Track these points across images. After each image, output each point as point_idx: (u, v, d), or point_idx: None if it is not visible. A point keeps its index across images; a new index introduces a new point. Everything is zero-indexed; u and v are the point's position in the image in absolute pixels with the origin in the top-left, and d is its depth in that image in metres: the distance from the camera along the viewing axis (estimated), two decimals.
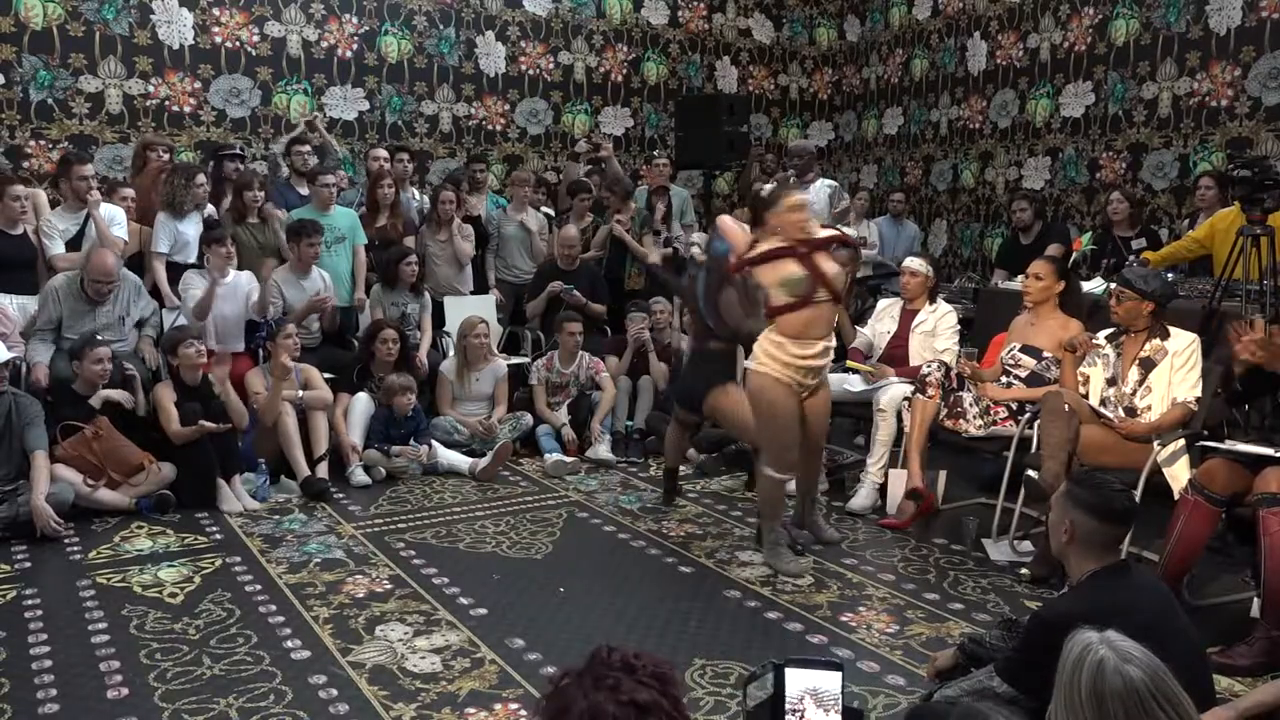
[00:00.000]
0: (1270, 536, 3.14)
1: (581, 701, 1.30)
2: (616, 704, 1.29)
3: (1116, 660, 1.67)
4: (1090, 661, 1.68)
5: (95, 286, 5.02)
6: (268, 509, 4.79)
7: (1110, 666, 1.66)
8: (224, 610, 3.60)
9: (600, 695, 1.29)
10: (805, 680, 2.51)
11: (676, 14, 9.34)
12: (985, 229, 8.66)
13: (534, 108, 8.73)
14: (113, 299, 5.12)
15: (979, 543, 4.34)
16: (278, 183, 6.62)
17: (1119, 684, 1.65)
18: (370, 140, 7.88)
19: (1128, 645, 1.70)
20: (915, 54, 9.30)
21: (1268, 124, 6.55)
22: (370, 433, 5.37)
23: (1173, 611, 2.43)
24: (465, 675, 3.12)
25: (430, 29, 8.21)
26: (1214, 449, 3.53)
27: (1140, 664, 1.67)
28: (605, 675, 1.32)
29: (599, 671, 1.33)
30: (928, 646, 3.32)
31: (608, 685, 1.30)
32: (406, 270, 6.06)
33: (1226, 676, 3.06)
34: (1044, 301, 4.56)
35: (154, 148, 6.19)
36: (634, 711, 1.29)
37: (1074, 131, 7.87)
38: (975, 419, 4.46)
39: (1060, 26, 7.90)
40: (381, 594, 3.77)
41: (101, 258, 5.02)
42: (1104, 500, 2.45)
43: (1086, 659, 1.69)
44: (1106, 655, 1.68)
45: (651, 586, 3.87)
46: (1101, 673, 1.66)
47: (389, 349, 5.50)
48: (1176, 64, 7.09)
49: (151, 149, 6.18)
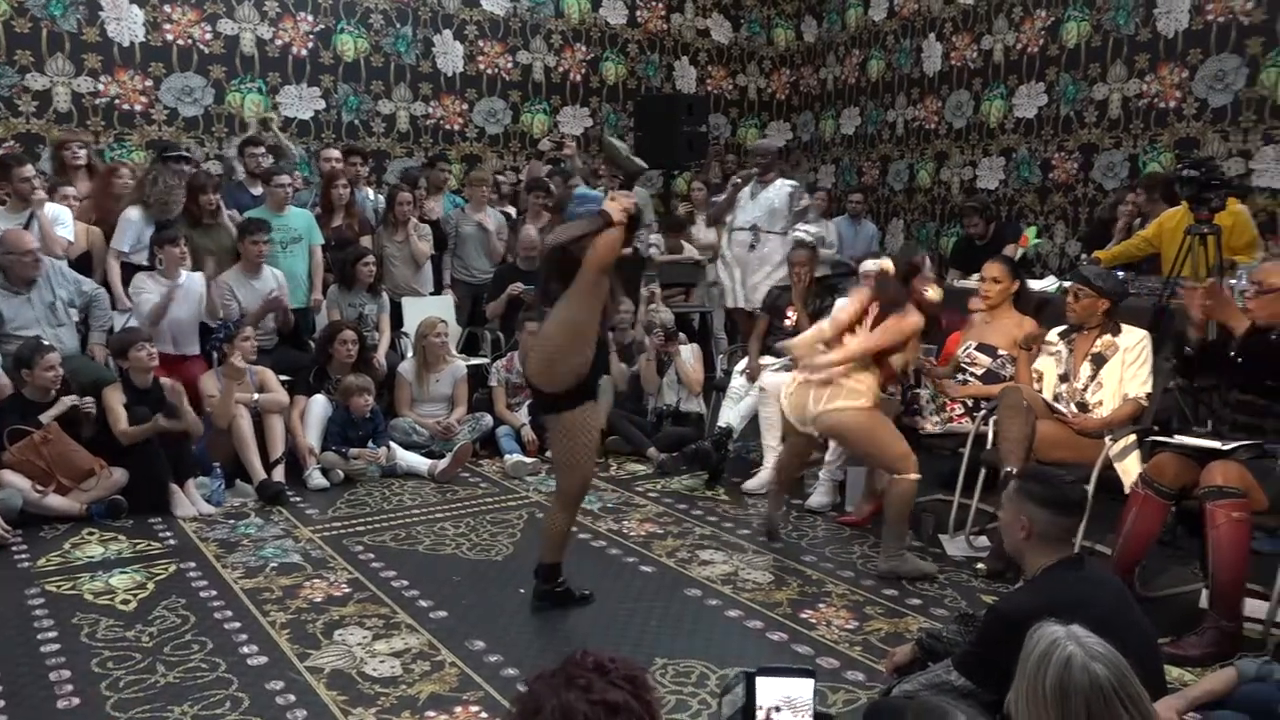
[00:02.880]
0: (1217, 529, 3.20)
1: (552, 700, 1.30)
2: (588, 703, 1.29)
3: (1084, 657, 1.69)
4: (1057, 657, 1.70)
5: (12, 263, 4.87)
6: (223, 513, 4.73)
7: (1077, 663, 1.68)
8: (178, 617, 3.54)
9: (572, 694, 1.30)
10: (777, 688, 2.51)
11: (635, 14, 9.34)
12: (941, 228, 8.76)
13: (492, 107, 8.70)
14: (40, 284, 4.99)
15: (936, 538, 4.39)
16: (229, 184, 6.52)
17: (1085, 681, 1.67)
18: (326, 139, 7.80)
19: (1094, 642, 1.72)
20: (872, 55, 9.38)
21: (1214, 125, 6.68)
22: (327, 435, 5.32)
23: (1127, 604, 2.48)
24: (425, 678, 3.10)
25: (387, 27, 8.15)
26: (1164, 443, 3.60)
27: (1106, 662, 1.69)
28: (577, 675, 1.33)
29: (571, 672, 1.34)
30: (886, 642, 3.35)
31: (579, 685, 1.31)
32: (364, 271, 6.01)
33: (1177, 667, 3.12)
34: (1002, 303, 4.63)
35: (68, 145, 5.98)
36: (604, 711, 1.29)
37: (1027, 132, 7.98)
38: (932, 416, 4.51)
39: (1013, 28, 8.01)
40: (340, 598, 3.73)
41: (15, 234, 4.91)
42: (1057, 493, 2.49)
43: (1053, 654, 1.71)
44: (1074, 652, 1.70)
45: (612, 586, 3.87)
46: (1069, 669, 1.68)
47: (347, 350, 5.44)
48: (1126, 66, 7.22)
49: (65, 147, 5.97)
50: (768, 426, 5.10)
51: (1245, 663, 2.54)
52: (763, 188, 6.40)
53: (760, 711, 2.48)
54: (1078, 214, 7.60)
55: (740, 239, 6.45)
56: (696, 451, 5.31)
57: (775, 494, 4.51)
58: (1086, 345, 4.09)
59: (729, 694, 2.67)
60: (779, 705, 2.49)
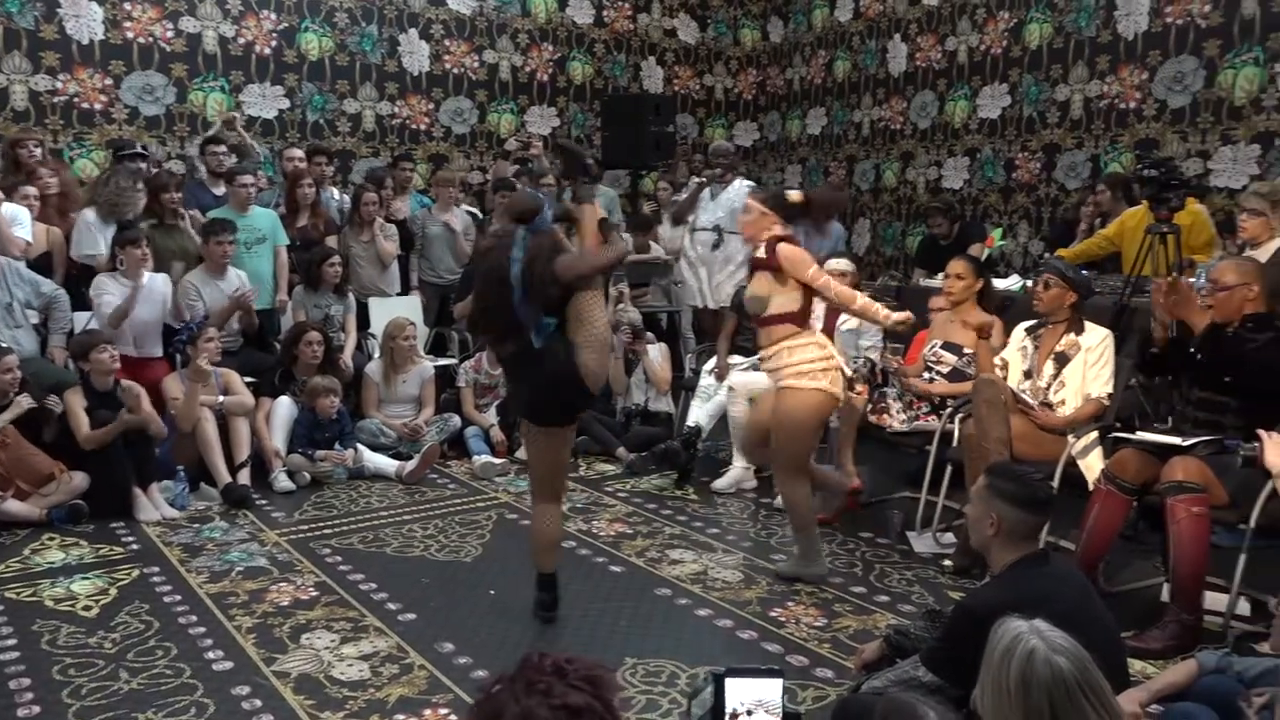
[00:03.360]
0: (1178, 524, 3.25)
1: (514, 707, 1.29)
2: (549, 708, 1.28)
3: (1047, 651, 1.71)
4: (1021, 651, 1.72)
5: None
6: (187, 517, 4.67)
7: (1040, 657, 1.70)
8: (141, 623, 3.49)
9: (532, 700, 1.29)
10: (746, 689, 2.52)
11: (602, 14, 9.33)
12: (907, 228, 8.83)
13: (459, 107, 8.65)
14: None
15: (903, 536, 4.42)
16: (192, 184, 6.44)
17: (1048, 674, 1.68)
18: (291, 139, 7.72)
19: (1056, 636, 1.75)
20: (838, 55, 9.44)
21: (1173, 126, 6.79)
22: (293, 437, 5.27)
23: (1091, 598, 2.51)
24: (394, 682, 3.08)
25: (352, 26, 8.08)
26: (1125, 439, 3.66)
27: (1069, 655, 1.71)
28: (537, 680, 1.31)
29: (531, 676, 1.32)
30: (855, 639, 3.37)
31: (540, 690, 1.30)
32: (329, 271, 5.96)
33: (1140, 660, 3.16)
34: (965, 300, 4.67)
35: (23, 144, 5.83)
36: (567, 715, 1.28)
37: (991, 132, 8.06)
38: (899, 414, 4.54)
39: (977, 30, 8.09)
40: (307, 601, 3.70)
41: None
42: (1027, 491, 2.51)
43: (1017, 649, 1.73)
44: (1037, 645, 1.71)
45: (582, 586, 3.86)
46: (1031, 663, 1.70)
47: (313, 351, 5.39)
48: (1087, 67, 7.31)
49: (21, 145, 5.82)
50: (736, 425, 5.11)
51: (1205, 655, 2.58)
52: (723, 188, 6.51)
53: (729, 712, 2.49)
54: (1041, 214, 7.69)
55: (704, 239, 6.51)
56: (665, 451, 5.31)
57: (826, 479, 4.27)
58: (1051, 343, 4.14)
59: (698, 696, 2.68)
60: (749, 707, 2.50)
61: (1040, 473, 2.75)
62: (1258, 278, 3.60)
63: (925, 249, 7.30)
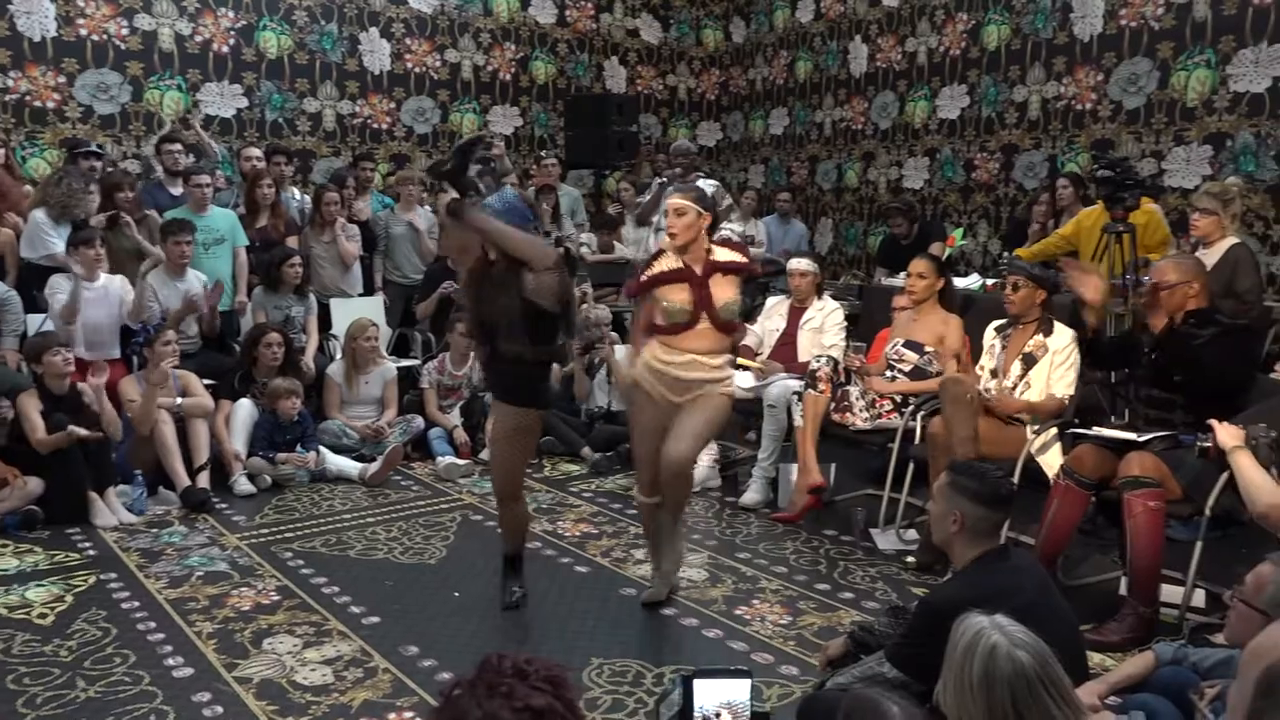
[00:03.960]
0: (1134, 518, 3.31)
1: (476, 711, 1.28)
2: (512, 711, 1.27)
3: (1008, 646, 1.73)
4: (983, 647, 1.74)
5: None
6: (145, 522, 4.60)
7: (1002, 652, 1.72)
8: (99, 630, 3.44)
9: (495, 703, 1.28)
10: (715, 690, 2.52)
11: (564, 13, 9.32)
12: (869, 227, 8.90)
13: (420, 106, 8.60)
14: None
15: (867, 533, 4.45)
16: (148, 184, 6.35)
17: (1010, 669, 1.71)
18: (249, 138, 7.63)
19: (1018, 630, 1.77)
20: (799, 56, 9.49)
21: (1128, 127, 6.90)
22: (254, 440, 5.21)
23: (1051, 592, 2.54)
24: (358, 686, 3.05)
25: (311, 24, 8.00)
26: (1083, 435, 3.71)
27: (1030, 649, 1.73)
28: (498, 683, 1.30)
29: (491, 679, 1.31)
30: (820, 636, 3.39)
31: (501, 693, 1.29)
32: (290, 272, 5.90)
33: (1098, 652, 3.21)
34: (927, 299, 4.71)
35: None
36: (529, 717, 1.28)
37: (950, 133, 8.15)
38: (862, 412, 4.58)
39: (936, 31, 8.17)
40: (269, 606, 3.66)
41: None
42: (989, 488, 2.54)
43: (979, 644, 1.75)
44: (999, 641, 1.74)
45: (547, 587, 3.85)
46: (994, 658, 1.72)
47: (273, 353, 5.33)
48: (1044, 69, 7.42)
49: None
50: None
51: (1162, 647, 2.63)
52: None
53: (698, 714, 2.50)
54: (999, 213, 7.78)
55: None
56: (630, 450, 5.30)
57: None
58: (1020, 343, 4.18)
59: (666, 698, 2.68)
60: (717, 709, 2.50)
61: (1001, 470, 2.78)
62: (1198, 275, 3.68)
63: (886, 248, 7.37)
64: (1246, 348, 3.84)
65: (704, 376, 3.48)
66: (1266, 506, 2.73)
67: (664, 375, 3.47)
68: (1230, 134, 6.35)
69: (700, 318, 3.46)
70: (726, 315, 3.50)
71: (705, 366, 3.48)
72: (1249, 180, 6.08)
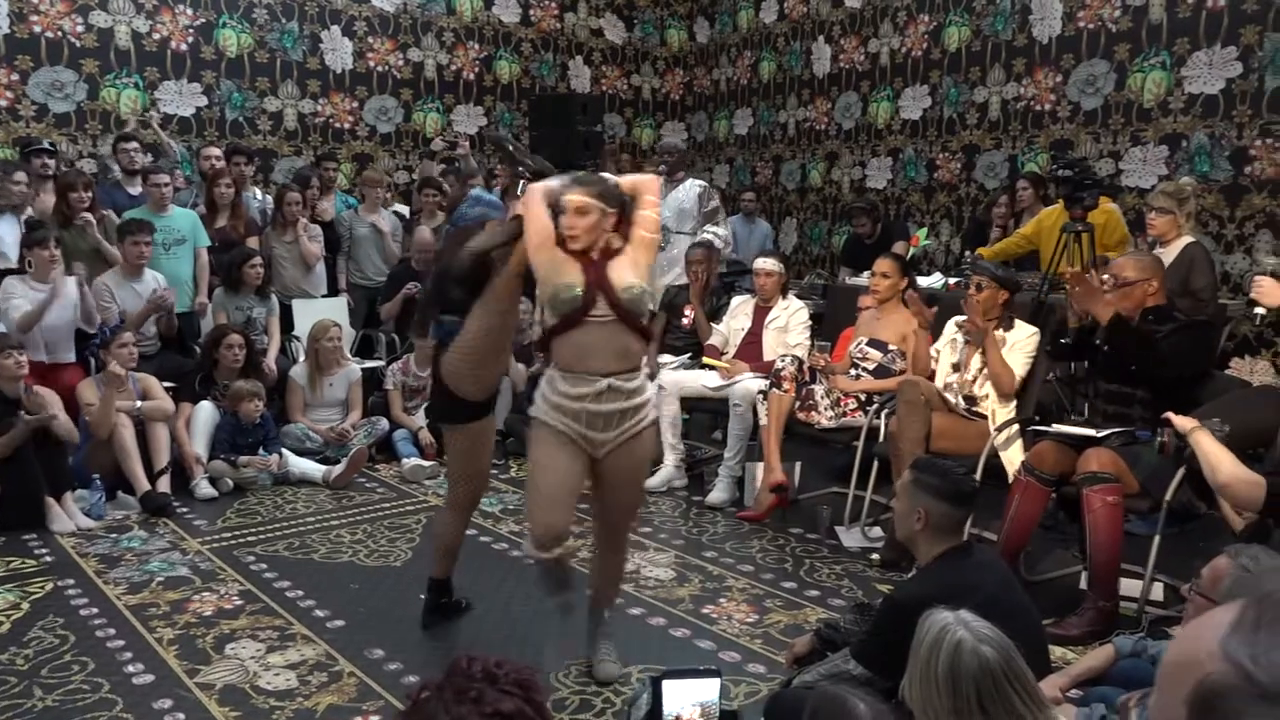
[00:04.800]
0: (1094, 513, 3.36)
1: (444, 716, 1.27)
2: (481, 716, 1.26)
3: (973, 641, 1.75)
4: (948, 642, 1.75)
5: None
6: (104, 527, 4.53)
7: (968, 647, 1.74)
8: (56, 637, 3.38)
9: (464, 709, 1.27)
10: (685, 691, 2.52)
11: (528, 12, 9.29)
12: (833, 227, 8.95)
13: (383, 105, 8.54)
14: None
15: (832, 531, 4.48)
16: (105, 184, 6.25)
17: (975, 664, 1.72)
18: (209, 137, 7.53)
19: (982, 626, 1.79)
20: (763, 56, 9.53)
21: (1086, 127, 7.00)
22: (215, 443, 5.14)
23: (1013, 588, 2.58)
24: (323, 690, 3.03)
25: (272, 22, 7.91)
26: (1043, 432, 3.76)
27: (995, 644, 1.75)
28: (467, 687, 1.29)
29: (460, 684, 1.30)
30: (786, 634, 3.41)
31: (471, 698, 1.28)
32: (251, 273, 5.83)
33: (1060, 646, 3.25)
34: (891, 298, 4.75)
35: None
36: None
37: (913, 133, 8.22)
38: (827, 411, 4.60)
39: (898, 32, 8.24)
40: (231, 610, 3.61)
41: None
42: (952, 485, 2.57)
43: (944, 639, 1.76)
44: (964, 636, 1.75)
45: (514, 588, 3.84)
46: (959, 653, 1.74)
47: (234, 355, 5.27)
48: (1004, 70, 7.50)
49: None
50: (667, 424, 5.12)
51: (1122, 640, 2.67)
52: (672, 188, 6.28)
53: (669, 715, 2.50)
54: (961, 213, 7.86)
55: None
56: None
57: None
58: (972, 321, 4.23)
59: (635, 701, 2.68)
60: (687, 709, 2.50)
61: (963, 467, 2.81)
62: (1156, 273, 3.74)
63: (850, 248, 7.42)
64: (1204, 342, 3.91)
65: (623, 406, 2.86)
66: (1229, 477, 2.78)
67: (575, 412, 2.84)
68: (1185, 135, 6.45)
69: (595, 302, 2.82)
70: (630, 302, 2.83)
71: (622, 393, 2.85)
72: (1203, 180, 6.19)
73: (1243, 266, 6.10)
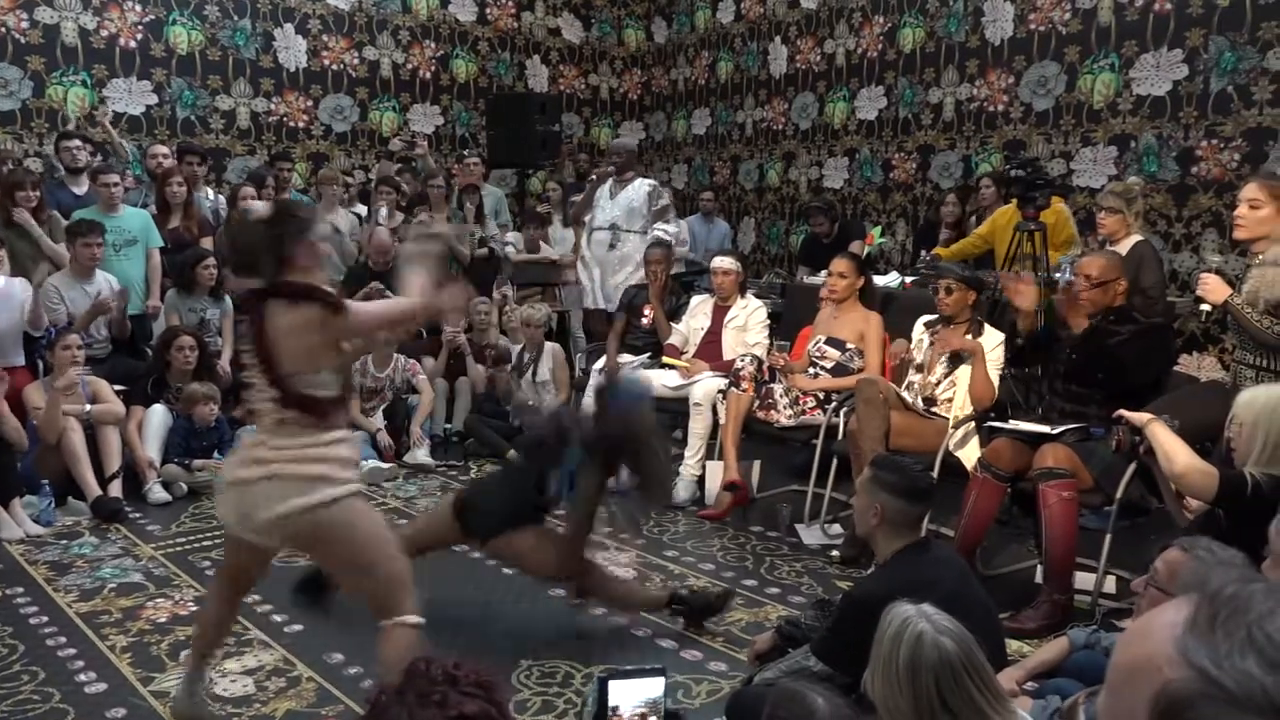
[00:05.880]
0: (1049, 508, 3.41)
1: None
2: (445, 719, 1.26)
3: (934, 633, 1.77)
4: (909, 635, 1.78)
5: None
6: (54, 533, 4.43)
7: (928, 640, 1.76)
8: (4, 646, 3.30)
9: (428, 712, 1.26)
10: (631, 690, 2.53)
11: (485, 11, 9.24)
12: (791, 226, 9.01)
13: (339, 104, 8.45)
14: None
15: (792, 528, 4.51)
16: (50, 183, 6.12)
17: (935, 656, 1.75)
18: (160, 136, 7.41)
19: (942, 619, 1.81)
20: (720, 57, 9.57)
21: (1038, 128, 7.10)
22: (169, 446, 5.05)
23: (970, 582, 2.61)
24: (281, 695, 2.99)
25: (223, 20, 7.80)
26: (999, 429, 3.81)
27: (954, 637, 1.78)
28: (430, 690, 1.28)
29: (422, 687, 1.29)
30: (747, 631, 3.42)
31: (434, 701, 1.27)
32: (204, 274, 5.73)
33: (1016, 639, 3.30)
34: (848, 297, 4.79)
35: None
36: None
37: (869, 133, 8.29)
38: (786, 409, 4.63)
39: (854, 33, 8.31)
40: (186, 617, 3.55)
41: None
42: (909, 482, 2.59)
43: (905, 632, 1.79)
44: (925, 629, 1.78)
45: (475, 590, 3.82)
46: (920, 645, 1.76)
47: (185, 356, 5.18)
48: (958, 71, 7.59)
49: None
50: None
51: (1076, 632, 2.71)
52: (621, 187, 6.34)
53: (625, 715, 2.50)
54: (917, 212, 7.94)
55: (600, 239, 6.40)
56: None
57: None
58: (949, 341, 4.23)
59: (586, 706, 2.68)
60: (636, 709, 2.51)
61: (921, 464, 2.84)
62: (1124, 271, 3.80)
63: (808, 247, 7.46)
64: (1163, 345, 3.97)
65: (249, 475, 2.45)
66: (1184, 467, 2.83)
67: None
68: (1134, 135, 6.57)
69: None
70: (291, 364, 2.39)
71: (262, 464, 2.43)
72: (1151, 180, 6.31)
73: (1190, 265, 6.23)
